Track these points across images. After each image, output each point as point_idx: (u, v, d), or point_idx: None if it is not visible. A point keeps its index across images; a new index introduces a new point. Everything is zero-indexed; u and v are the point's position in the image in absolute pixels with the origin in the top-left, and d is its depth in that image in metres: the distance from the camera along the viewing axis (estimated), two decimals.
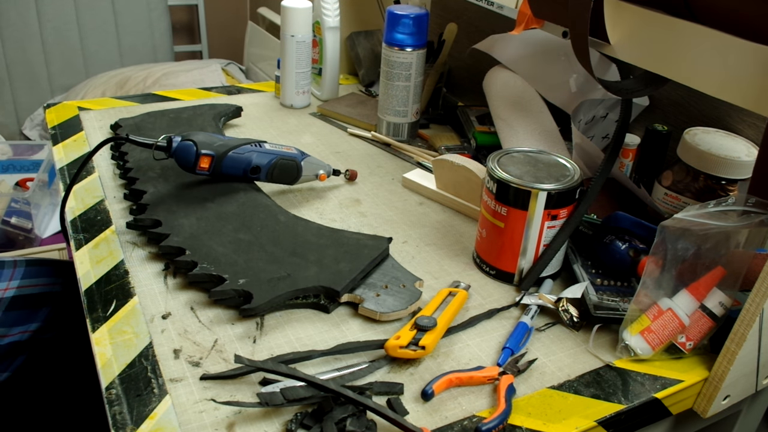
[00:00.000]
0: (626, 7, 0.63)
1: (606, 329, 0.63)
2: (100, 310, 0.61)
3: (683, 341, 0.59)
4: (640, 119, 0.92)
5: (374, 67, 1.23)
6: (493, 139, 0.92)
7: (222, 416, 0.51)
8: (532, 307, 0.64)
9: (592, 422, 0.53)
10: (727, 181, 0.73)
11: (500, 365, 0.57)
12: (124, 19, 2.48)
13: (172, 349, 0.57)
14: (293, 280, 0.63)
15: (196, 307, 0.62)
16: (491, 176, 0.66)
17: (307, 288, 0.62)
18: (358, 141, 1.02)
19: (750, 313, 0.54)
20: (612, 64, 0.86)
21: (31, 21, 2.36)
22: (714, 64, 0.56)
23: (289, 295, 0.61)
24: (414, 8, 0.95)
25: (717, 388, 0.57)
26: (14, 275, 0.83)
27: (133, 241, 0.71)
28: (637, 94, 0.72)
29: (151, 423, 0.49)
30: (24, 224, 1.54)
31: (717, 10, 0.55)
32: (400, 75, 0.96)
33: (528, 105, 0.88)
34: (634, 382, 0.57)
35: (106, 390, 0.52)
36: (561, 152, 0.76)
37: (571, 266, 0.69)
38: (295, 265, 0.65)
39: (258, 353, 0.57)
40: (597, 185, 0.69)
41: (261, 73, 2.42)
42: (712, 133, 0.76)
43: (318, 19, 1.11)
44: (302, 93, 1.11)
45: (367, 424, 0.49)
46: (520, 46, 0.94)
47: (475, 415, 0.53)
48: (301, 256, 0.66)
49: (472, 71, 1.17)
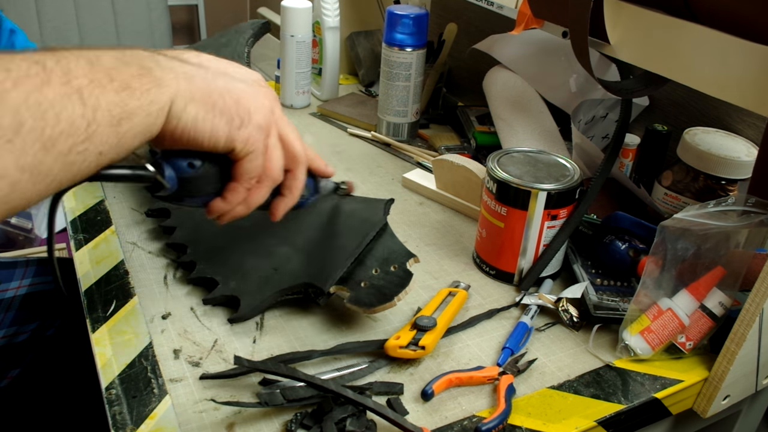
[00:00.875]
0: (626, 7, 0.63)
1: (606, 329, 0.63)
2: (100, 310, 0.61)
3: (683, 341, 0.59)
4: (640, 119, 0.92)
5: (374, 67, 1.23)
6: (493, 139, 0.92)
7: (222, 416, 0.51)
8: (532, 307, 0.64)
9: (592, 422, 0.53)
10: (727, 181, 0.73)
11: (500, 365, 0.57)
12: (124, 19, 2.48)
13: (172, 349, 0.57)
14: (279, 278, 0.62)
15: (196, 307, 0.63)
16: (491, 176, 0.66)
17: (294, 286, 0.62)
18: (358, 141, 1.02)
19: (750, 313, 0.54)
20: (612, 64, 0.86)
21: (31, 21, 2.36)
22: (714, 64, 0.56)
23: (275, 297, 0.61)
24: (414, 8, 0.95)
25: (717, 388, 0.57)
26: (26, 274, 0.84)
27: (133, 241, 0.71)
28: (637, 94, 0.72)
29: (151, 423, 0.49)
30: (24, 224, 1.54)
31: (717, 10, 0.55)
32: (400, 75, 0.96)
33: (528, 105, 0.88)
34: (634, 382, 0.57)
35: (106, 390, 0.52)
36: (561, 152, 0.76)
37: (571, 266, 0.69)
38: (284, 258, 0.64)
39: (258, 353, 0.57)
40: (597, 185, 0.69)
41: (261, 73, 2.42)
42: (712, 133, 0.76)
43: (318, 19, 1.11)
44: (302, 93, 1.11)
45: (367, 424, 0.49)
46: (520, 46, 0.94)
47: (475, 415, 0.53)
48: (290, 244, 0.65)
49: (472, 71, 1.17)
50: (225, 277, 0.63)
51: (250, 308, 0.60)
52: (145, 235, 0.73)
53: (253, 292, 0.61)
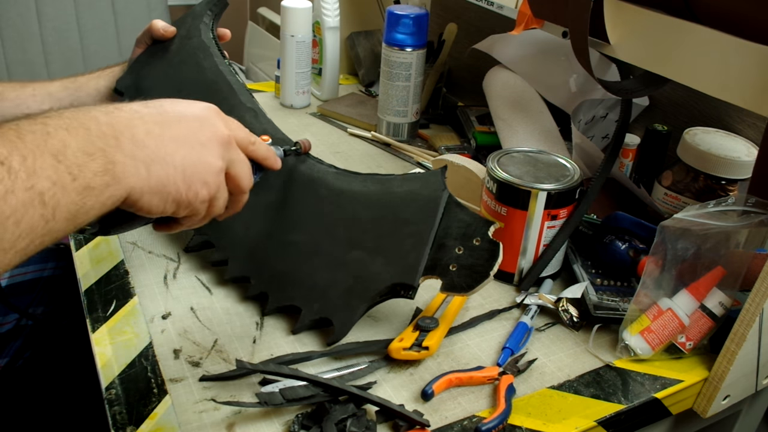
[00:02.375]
0: (626, 7, 0.63)
1: (606, 329, 0.63)
2: (100, 310, 0.61)
3: (683, 341, 0.59)
4: (640, 119, 0.92)
5: (374, 67, 1.23)
6: (493, 139, 0.92)
7: (222, 416, 0.51)
8: (532, 307, 0.64)
9: (592, 422, 0.53)
10: (727, 181, 0.73)
11: (500, 365, 0.57)
12: (124, 19, 2.48)
13: (172, 349, 0.57)
14: (363, 286, 0.58)
15: (196, 307, 0.62)
16: (491, 176, 0.66)
17: (381, 290, 0.58)
18: (358, 141, 1.02)
19: (750, 313, 0.54)
20: (612, 64, 0.86)
21: (31, 21, 2.36)
22: (714, 64, 0.56)
23: (366, 307, 0.59)
24: (414, 8, 0.95)
25: (717, 388, 0.57)
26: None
27: (133, 241, 0.71)
28: (637, 94, 0.72)
29: (151, 423, 0.49)
30: None
31: (717, 10, 0.55)
32: (400, 75, 0.96)
33: (528, 105, 0.88)
34: (634, 382, 0.57)
35: (106, 390, 0.52)
36: (561, 152, 0.76)
37: (571, 266, 0.69)
38: (359, 264, 0.59)
39: (258, 353, 0.57)
40: (597, 185, 0.69)
41: (261, 73, 2.42)
42: (712, 133, 0.76)
43: (318, 19, 1.11)
44: (302, 93, 1.11)
45: (367, 425, 0.49)
46: (520, 46, 0.94)
47: (475, 415, 0.53)
48: (359, 246, 0.60)
49: (472, 71, 1.17)
50: (305, 300, 0.60)
51: (345, 327, 0.58)
52: (145, 235, 0.73)
53: (341, 308, 0.58)
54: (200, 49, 0.75)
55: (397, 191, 0.61)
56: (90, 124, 0.38)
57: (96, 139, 0.38)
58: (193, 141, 0.45)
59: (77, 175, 0.36)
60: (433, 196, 0.59)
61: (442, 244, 0.57)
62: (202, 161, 0.45)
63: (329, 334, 0.59)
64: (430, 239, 0.57)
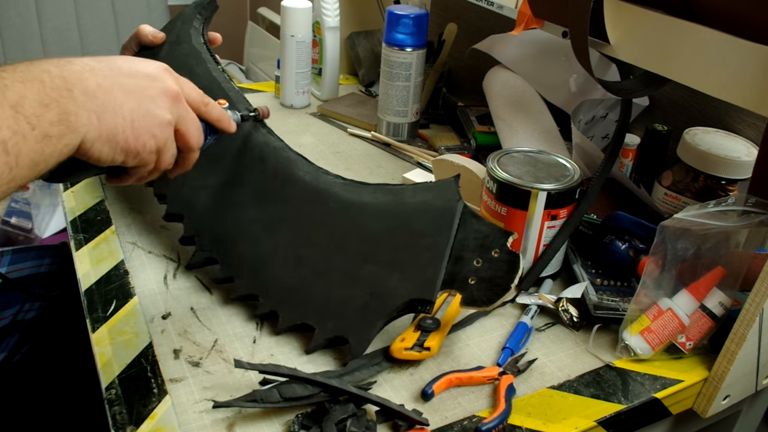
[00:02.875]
0: (626, 7, 0.63)
1: (606, 329, 0.63)
2: (100, 310, 0.61)
3: (683, 341, 0.59)
4: (640, 119, 0.92)
5: (374, 67, 1.23)
6: (493, 139, 0.92)
7: (222, 416, 0.51)
8: (532, 307, 0.64)
9: (592, 422, 0.53)
10: (727, 181, 0.73)
11: (500, 365, 0.57)
12: (124, 19, 2.48)
13: (172, 349, 0.57)
14: (379, 303, 0.56)
15: (196, 307, 0.62)
16: (491, 176, 0.66)
17: (398, 306, 0.56)
18: (358, 141, 1.02)
19: (750, 313, 0.54)
20: (612, 64, 0.86)
21: (31, 21, 2.36)
22: (714, 64, 0.56)
23: (382, 324, 0.57)
24: (414, 8, 0.95)
25: (717, 388, 0.57)
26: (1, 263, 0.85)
27: (133, 241, 0.71)
28: (637, 94, 0.72)
29: (151, 423, 0.49)
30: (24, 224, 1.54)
31: (717, 10, 0.55)
32: (400, 75, 0.96)
33: (528, 105, 0.88)
34: (634, 382, 0.57)
35: (106, 390, 0.52)
36: (561, 152, 0.76)
37: (571, 266, 0.69)
38: (374, 278, 0.57)
39: (258, 353, 0.57)
40: (597, 185, 0.69)
41: (261, 73, 2.42)
42: (712, 133, 0.76)
43: (318, 19, 1.11)
44: (302, 93, 1.11)
45: (367, 425, 0.49)
46: (520, 46, 0.94)
47: (475, 415, 0.53)
48: (373, 260, 0.58)
49: (472, 71, 1.17)
50: (318, 318, 0.57)
51: (361, 345, 0.55)
52: (145, 235, 0.73)
53: (357, 326, 0.56)
54: (192, 55, 0.73)
55: (410, 202, 0.59)
56: (43, 77, 0.40)
57: (50, 91, 0.40)
58: (143, 94, 0.47)
59: (35, 124, 0.39)
60: (448, 207, 0.57)
61: (459, 257, 0.56)
62: (151, 113, 0.47)
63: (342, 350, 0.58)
64: (447, 252, 0.56)
